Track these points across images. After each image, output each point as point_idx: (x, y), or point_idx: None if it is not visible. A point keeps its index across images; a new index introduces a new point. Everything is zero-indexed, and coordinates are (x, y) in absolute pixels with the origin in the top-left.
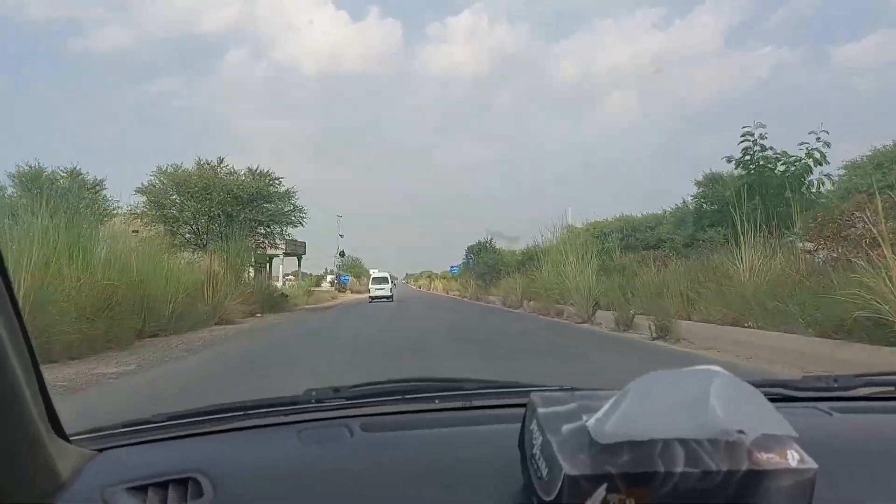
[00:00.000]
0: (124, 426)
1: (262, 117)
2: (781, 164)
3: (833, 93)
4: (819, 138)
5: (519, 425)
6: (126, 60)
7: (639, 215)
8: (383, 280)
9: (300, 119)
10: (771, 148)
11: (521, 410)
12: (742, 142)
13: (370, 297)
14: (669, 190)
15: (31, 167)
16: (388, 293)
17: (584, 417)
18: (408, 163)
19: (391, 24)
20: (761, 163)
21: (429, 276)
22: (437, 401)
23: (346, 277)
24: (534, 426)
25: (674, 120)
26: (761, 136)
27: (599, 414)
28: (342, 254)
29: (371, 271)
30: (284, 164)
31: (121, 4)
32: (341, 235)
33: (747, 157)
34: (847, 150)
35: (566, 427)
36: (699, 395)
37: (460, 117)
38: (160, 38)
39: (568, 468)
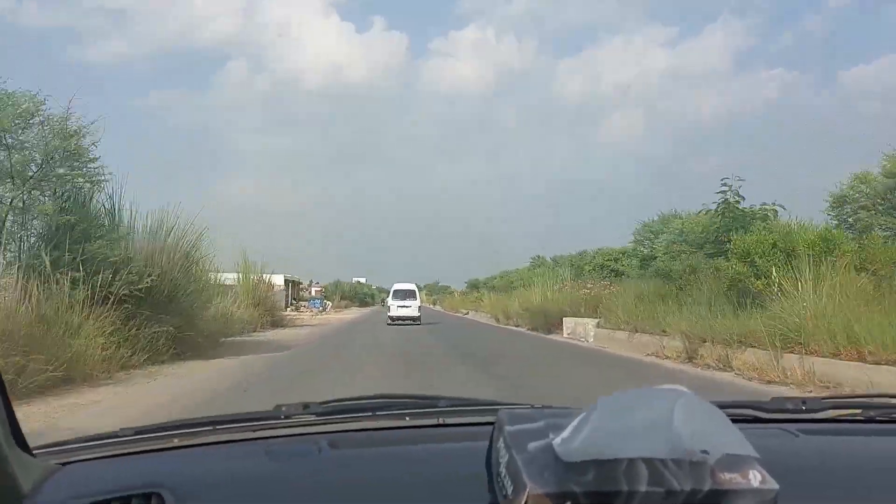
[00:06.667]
0: (89, 440)
1: (262, 132)
2: None
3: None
4: None
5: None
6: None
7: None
8: (408, 294)
9: (300, 134)
10: None
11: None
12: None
13: (389, 316)
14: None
15: None
16: (415, 313)
17: (552, 435)
18: (409, 176)
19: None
20: None
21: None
22: (407, 418)
23: None
24: (501, 444)
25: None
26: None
27: (566, 433)
28: None
29: (363, 282)
30: (284, 179)
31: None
32: None
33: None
34: None
35: (532, 445)
36: (663, 415)
37: (464, 131)
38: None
39: (532, 486)
